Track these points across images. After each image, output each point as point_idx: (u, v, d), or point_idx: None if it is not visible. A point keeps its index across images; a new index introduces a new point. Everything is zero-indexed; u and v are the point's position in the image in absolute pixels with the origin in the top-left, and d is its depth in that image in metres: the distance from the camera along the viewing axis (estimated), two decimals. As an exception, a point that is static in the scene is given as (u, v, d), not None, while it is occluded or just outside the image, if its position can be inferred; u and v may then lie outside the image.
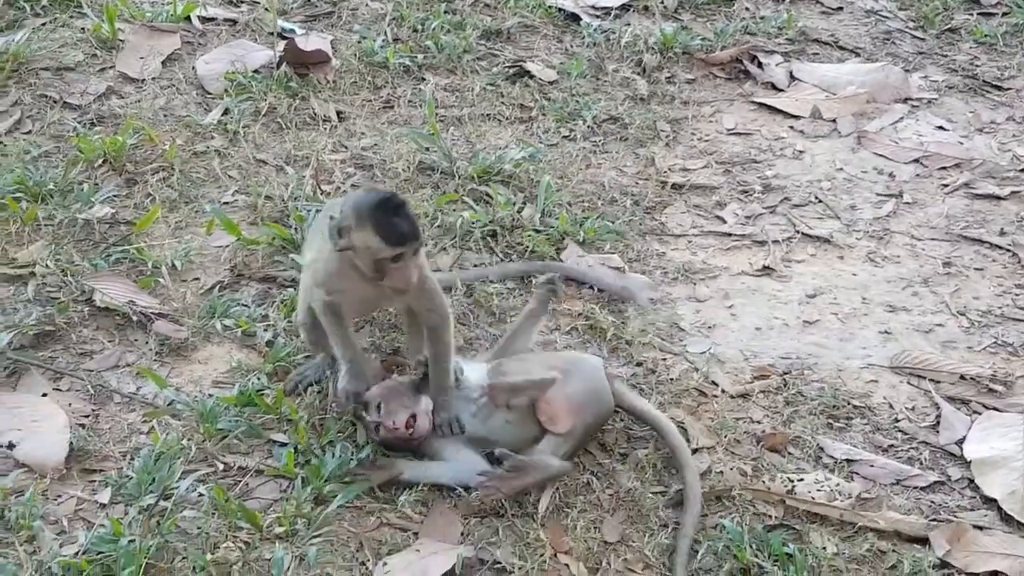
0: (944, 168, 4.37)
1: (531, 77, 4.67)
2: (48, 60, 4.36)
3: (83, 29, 4.54)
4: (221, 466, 2.90)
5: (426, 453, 2.95)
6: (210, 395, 3.08)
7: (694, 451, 3.07)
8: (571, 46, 4.97)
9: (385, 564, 2.67)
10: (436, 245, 3.71)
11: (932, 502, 2.99)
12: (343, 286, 2.93)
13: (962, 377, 3.39)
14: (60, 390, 3.09)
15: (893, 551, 2.84)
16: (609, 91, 4.68)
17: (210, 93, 4.32)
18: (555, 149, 4.31)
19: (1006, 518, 2.94)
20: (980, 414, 3.25)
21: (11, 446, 2.89)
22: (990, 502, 2.99)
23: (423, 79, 4.60)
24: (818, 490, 2.94)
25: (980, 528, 2.89)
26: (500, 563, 2.73)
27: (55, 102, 4.16)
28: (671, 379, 3.32)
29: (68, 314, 3.27)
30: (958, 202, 4.17)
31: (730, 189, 4.23)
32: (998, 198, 4.19)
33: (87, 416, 3.01)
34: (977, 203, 4.17)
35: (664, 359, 3.40)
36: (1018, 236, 3.99)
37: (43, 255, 3.41)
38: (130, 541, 2.59)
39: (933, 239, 3.99)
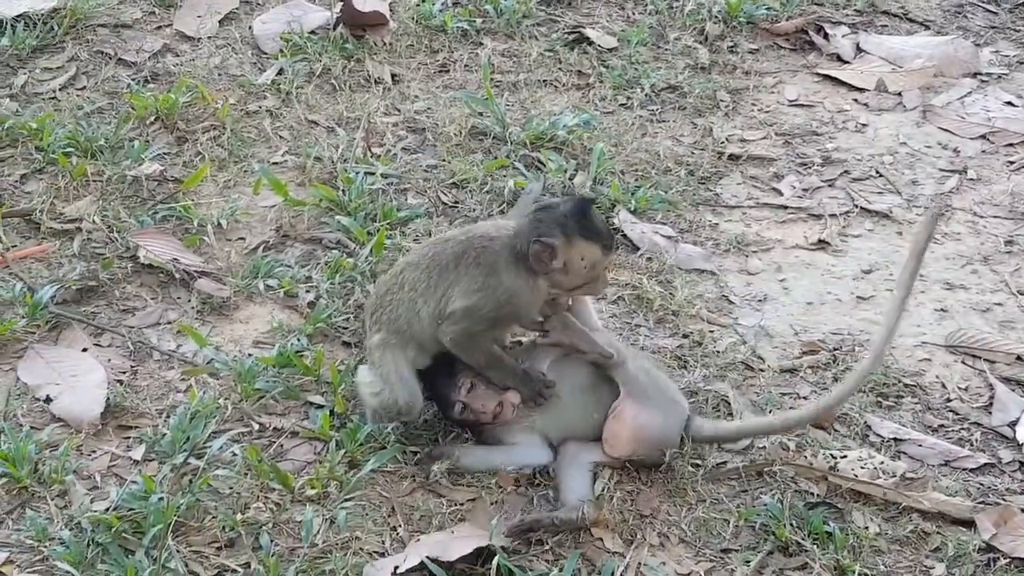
0: (1011, 145, 4.24)
1: (590, 44, 4.59)
2: (106, 17, 4.36)
3: (142, -13, 4.54)
4: (256, 426, 2.89)
5: (487, 436, 2.90)
6: (249, 355, 3.06)
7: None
8: (633, 13, 4.87)
9: (419, 541, 2.63)
10: (484, 211, 3.67)
11: (981, 484, 2.90)
12: (534, 314, 2.85)
13: (1019, 358, 3.29)
14: (100, 346, 3.09)
15: (937, 533, 2.77)
16: (669, 59, 4.59)
17: (265, 53, 4.30)
18: (611, 117, 4.24)
19: (1058, 503, 2.85)
20: (1034, 395, 3.16)
21: (48, 400, 2.90)
22: (1043, 487, 2.90)
23: (480, 44, 4.54)
24: (862, 468, 2.87)
25: (1029, 511, 2.81)
26: (534, 537, 2.69)
27: (110, 58, 4.16)
28: (717, 352, 3.25)
29: (112, 270, 3.27)
30: (1024, 179, 4.05)
31: (788, 161, 4.14)
32: (1066, 176, 4.06)
33: (125, 372, 3.01)
34: (1044, 181, 4.05)
35: (711, 331, 3.34)
36: (1085, 215, 3.87)
37: (90, 211, 3.42)
38: (160, 498, 2.58)
39: (996, 216, 3.87)
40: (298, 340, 3.10)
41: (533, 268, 2.74)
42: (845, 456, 2.90)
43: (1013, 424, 3.06)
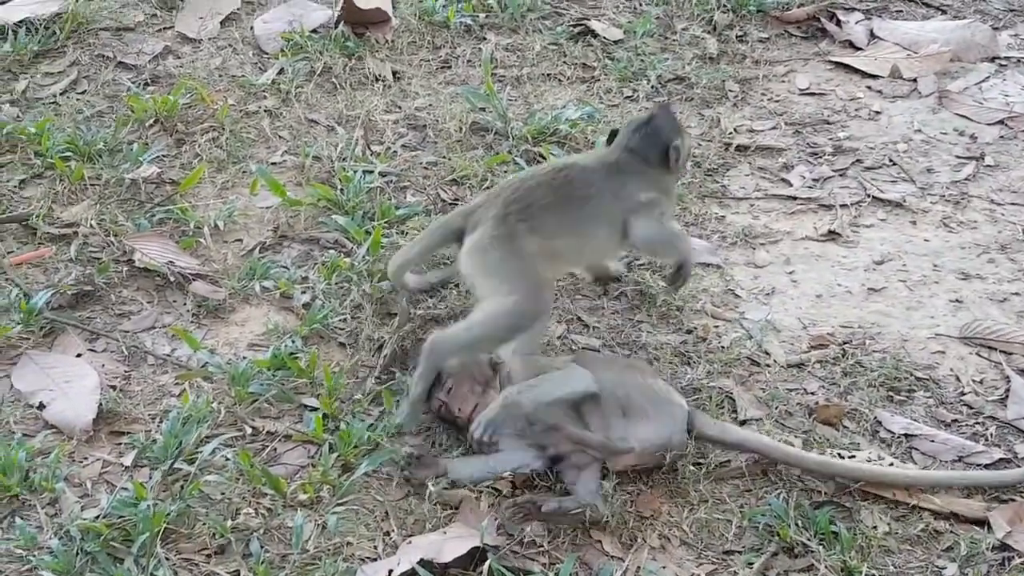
0: (1030, 130, 4.14)
1: (595, 36, 4.52)
2: (108, 20, 4.33)
3: (145, -11, 4.50)
4: (249, 430, 2.84)
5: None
6: (244, 358, 3.02)
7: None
8: (640, 4, 4.80)
9: (410, 542, 2.58)
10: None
11: (996, 481, 2.81)
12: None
13: (1036, 349, 3.20)
14: (95, 351, 3.05)
15: (950, 531, 2.68)
16: (677, 50, 4.51)
17: (267, 53, 4.25)
18: (616, 110, 4.17)
19: (1076, 499, 2.76)
20: (1051, 389, 3.06)
21: (41, 407, 2.86)
22: (1059, 482, 2.81)
23: (484, 39, 4.48)
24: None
25: (1045, 508, 2.72)
26: (529, 538, 2.62)
27: (111, 62, 4.12)
28: (722, 347, 3.18)
29: (108, 274, 3.23)
30: (1043, 165, 3.95)
31: (799, 151, 4.05)
32: (1086, 161, 3.95)
33: (119, 378, 2.97)
34: (1064, 165, 3.94)
35: (716, 326, 3.26)
36: (1106, 201, 3.77)
37: (88, 215, 3.38)
38: (149, 505, 2.54)
39: (1014, 204, 3.78)
40: (292, 342, 3.05)
41: (671, 168, 3.10)
42: (854, 456, 2.82)
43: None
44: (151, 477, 2.67)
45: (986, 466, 2.84)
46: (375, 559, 2.56)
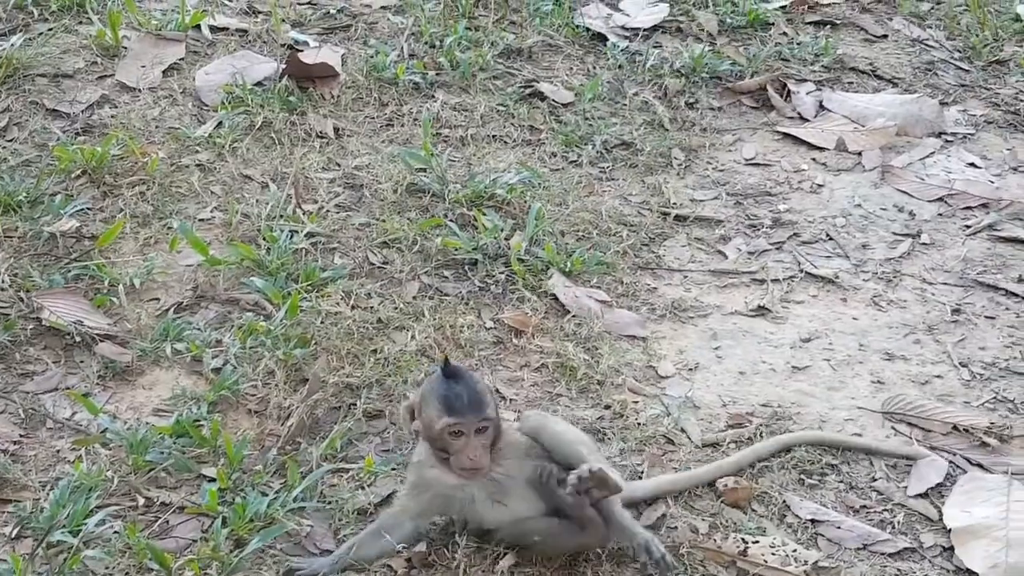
0: (969, 208, 4.11)
1: (543, 98, 4.50)
2: (47, 66, 4.29)
3: (88, 36, 4.46)
4: (142, 501, 2.78)
5: None
6: (146, 423, 2.96)
7: (648, 503, 2.89)
8: (594, 67, 4.78)
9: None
10: (411, 272, 3.57)
11: (899, 570, 2.76)
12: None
13: (955, 427, 3.15)
14: (-9, 412, 3.00)
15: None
16: (626, 115, 4.49)
17: (207, 105, 4.22)
18: (558, 174, 4.14)
19: (982, 595, 2.70)
20: (965, 472, 3.01)
21: (-75, 473, 2.80)
22: (963, 573, 2.75)
23: (432, 97, 4.46)
24: (772, 553, 2.73)
25: (947, 604, 2.66)
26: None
27: (44, 109, 4.09)
28: (638, 423, 3.13)
29: (14, 331, 3.18)
30: (979, 245, 3.92)
31: (738, 223, 4.03)
32: (1023, 242, 3.92)
33: (14, 442, 2.91)
34: (1000, 246, 3.91)
35: (635, 402, 3.22)
36: (1038, 284, 3.73)
37: (0, 268, 3.33)
38: (28, 578, 2.48)
39: (946, 283, 3.74)
40: (198, 408, 3.00)
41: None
42: (757, 541, 2.76)
43: (930, 491, 2.95)
44: (32, 549, 2.60)
45: (891, 555, 2.79)
46: (259, 642, 2.50)
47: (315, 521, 2.79)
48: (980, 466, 3.04)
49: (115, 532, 2.66)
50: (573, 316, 3.48)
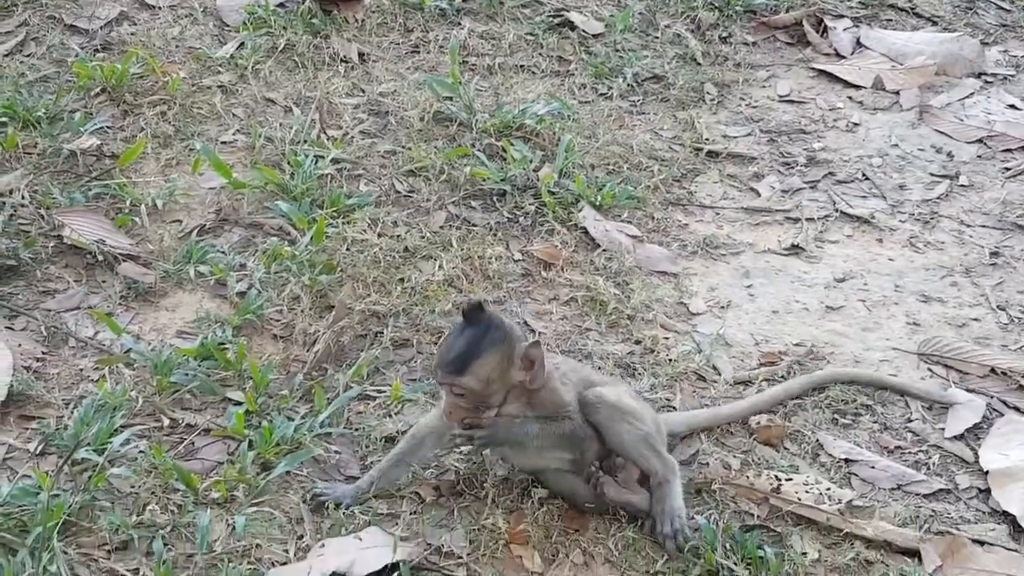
0: (1009, 150, 4.02)
1: (573, 28, 4.41)
2: (63, -20, 4.20)
3: (106, -49, 4.36)
4: (167, 422, 2.73)
5: None
6: (170, 345, 2.90)
7: (681, 438, 2.83)
8: (624, -2, 4.67)
9: (323, 545, 2.47)
10: (439, 201, 3.49)
11: (933, 511, 2.69)
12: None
13: (992, 370, 3.08)
14: (13, 329, 2.94)
15: (881, 562, 2.56)
16: (657, 48, 4.40)
17: (228, 25, 4.13)
18: (588, 107, 4.06)
19: (1015, 535, 2.63)
20: (1002, 415, 2.94)
21: (-54, 387, 2.75)
22: (999, 515, 2.69)
23: (458, 24, 4.36)
24: (806, 491, 2.67)
25: (981, 543, 2.59)
26: (448, 548, 2.51)
27: (62, 24, 3.99)
28: (669, 360, 3.07)
29: (35, 249, 3.12)
30: (1018, 188, 3.83)
31: (771, 160, 3.94)
32: (1063, 186, 3.84)
33: (36, 359, 2.85)
34: (1040, 190, 3.83)
35: (666, 338, 3.15)
36: (1078, 228, 3.65)
37: (19, 184, 3.26)
38: (53, 496, 2.42)
39: (984, 226, 3.66)
40: (223, 332, 2.94)
41: None
42: (791, 479, 2.71)
43: (967, 432, 2.88)
44: (57, 466, 2.55)
45: (925, 496, 2.74)
46: (285, 563, 2.45)
47: (341, 447, 2.73)
48: (1017, 409, 2.97)
49: (140, 452, 2.61)
50: (603, 250, 3.41)
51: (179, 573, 2.39)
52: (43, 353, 2.88)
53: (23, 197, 3.23)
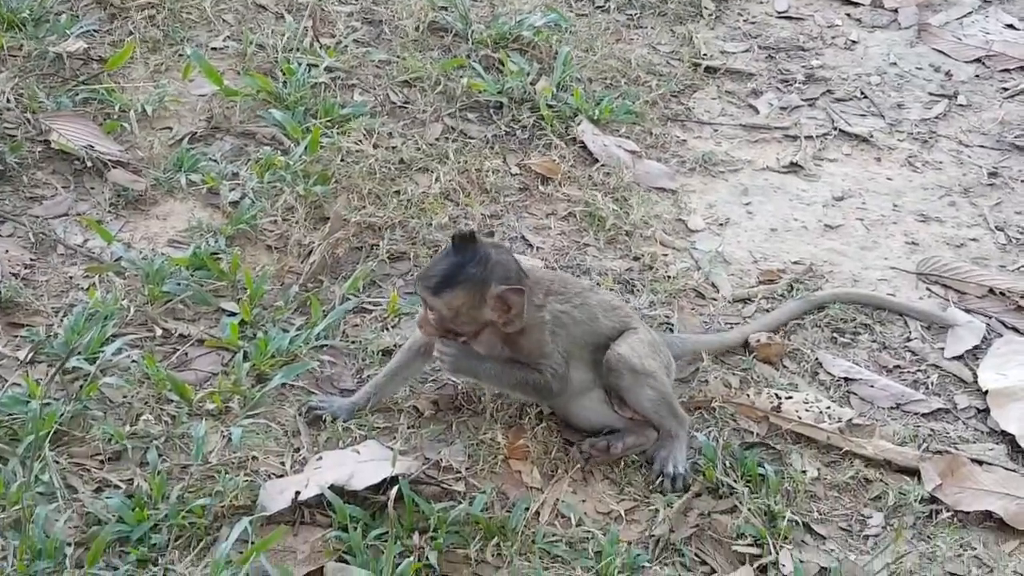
0: (1007, 70, 3.98)
1: (571, -63, 4.30)
2: None
3: None
4: (160, 332, 2.67)
5: None
6: (162, 254, 2.85)
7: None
8: (624, -94, 4.55)
9: (320, 458, 2.43)
10: (435, 113, 3.43)
11: (932, 430, 2.69)
12: None
13: (991, 290, 3.07)
14: (0, 235, 2.87)
15: (880, 480, 2.56)
16: (656, -41, 4.30)
17: (218, -71, 4.00)
18: (585, 19, 3.98)
19: (1014, 455, 2.63)
20: (1000, 336, 2.93)
21: (-72, 294, 2.68)
22: (997, 435, 2.69)
23: (453, -68, 4.24)
24: (806, 410, 2.66)
25: (979, 463, 2.59)
26: (448, 463, 2.48)
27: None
28: (668, 276, 3.03)
29: (21, 153, 3.04)
30: (1017, 108, 3.79)
31: (769, 77, 3.89)
32: (1062, 107, 3.80)
33: (25, 266, 2.79)
34: (1038, 111, 3.79)
35: (664, 255, 3.12)
36: (1077, 150, 3.61)
37: (5, 87, 3.17)
38: (44, 404, 2.38)
39: (982, 146, 3.63)
40: (215, 241, 2.89)
41: None
42: (791, 397, 2.69)
43: (967, 354, 2.87)
44: (47, 374, 2.50)
45: (924, 415, 2.73)
46: (281, 475, 2.42)
47: (337, 360, 2.69)
48: (1015, 330, 2.97)
49: (133, 362, 2.56)
50: (602, 165, 3.36)
51: (173, 484, 2.34)
52: (31, 260, 2.81)
53: (8, 100, 3.14)
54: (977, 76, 3.94)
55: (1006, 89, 3.87)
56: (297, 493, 2.33)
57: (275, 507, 2.32)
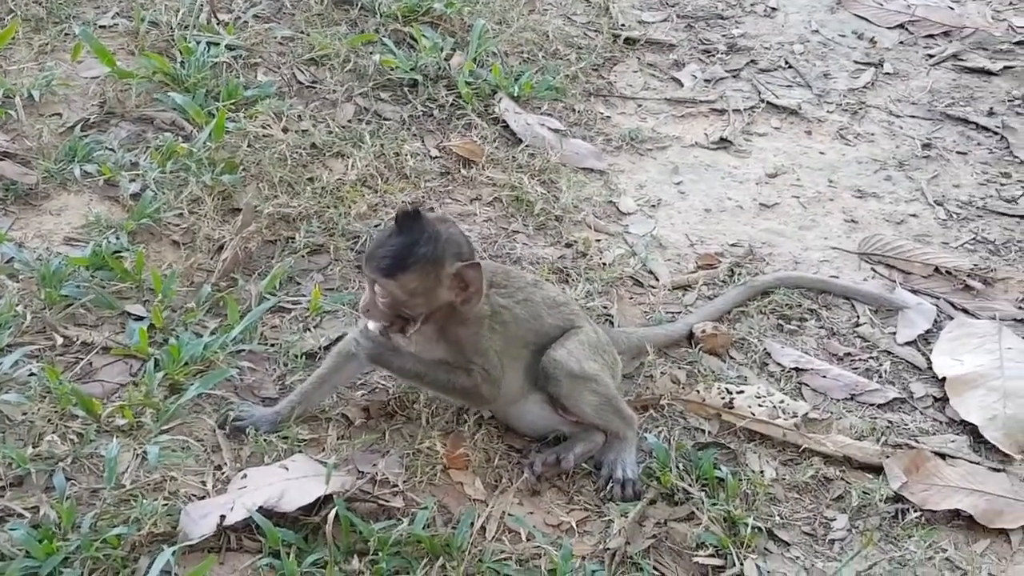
0: (931, 36, 3.90)
1: (475, -97, 4.10)
2: None
3: None
4: (61, 340, 2.44)
5: None
6: (58, 254, 2.60)
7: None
8: None
9: (245, 476, 2.23)
10: (344, 92, 3.21)
11: (890, 422, 2.57)
12: None
13: (936, 270, 2.97)
14: None
15: (841, 479, 2.44)
16: (570, -74, 4.13)
17: (101, -103, 3.72)
18: (497, -10, 3.79)
19: (976, 446, 2.53)
20: (951, 318, 2.83)
21: None
22: (957, 425, 2.58)
23: None
24: (759, 405, 2.52)
25: (943, 456, 2.48)
26: (383, 476, 2.29)
27: None
28: (603, 264, 2.88)
29: None
30: (944, 75, 3.71)
31: (691, 47, 3.75)
32: (989, 73, 3.73)
33: (-96, 273, 2.53)
34: (965, 77, 3.72)
35: (598, 240, 2.96)
36: (1008, 117, 3.54)
37: None
38: (-66, 429, 2.14)
39: (913, 116, 3.54)
40: (117, 238, 2.65)
41: None
42: (742, 391, 2.55)
43: (919, 338, 2.77)
44: (-63, 394, 2.25)
45: (880, 406, 2.61)
46: (203, 497, 2.21)
47: (257, 365, 2.49)
48: (965, 311, 2.87)
49: (32, 375, 2.32)
50: (526, 146, 3.19)
51: (84, 511, 2.12)
52: (-89, 266, 2.55)
53: None
54: (901, 43, 3.85)
55: (931, 56, 3.79)
56: (222, 517, 2.13)
57: (198, 533, 2.11)
